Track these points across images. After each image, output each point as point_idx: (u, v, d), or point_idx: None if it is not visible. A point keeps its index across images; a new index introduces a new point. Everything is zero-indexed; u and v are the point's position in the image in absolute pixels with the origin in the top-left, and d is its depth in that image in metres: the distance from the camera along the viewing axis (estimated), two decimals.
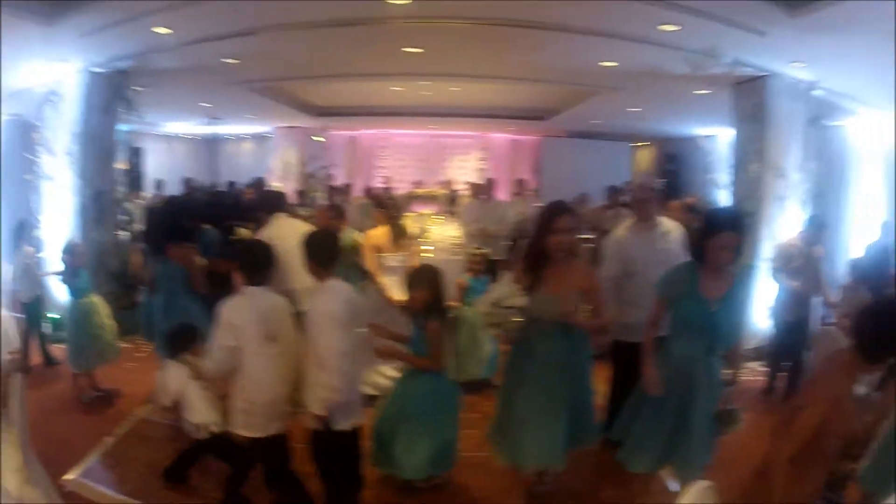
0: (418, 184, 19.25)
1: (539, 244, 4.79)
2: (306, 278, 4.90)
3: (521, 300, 4.56)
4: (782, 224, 9.65)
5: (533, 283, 4.78)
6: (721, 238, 4.45)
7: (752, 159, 9.96)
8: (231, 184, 16.69)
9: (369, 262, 7.66)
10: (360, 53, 9.64)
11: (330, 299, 4.66)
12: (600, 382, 6.42)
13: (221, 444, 5.23)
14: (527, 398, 4.87)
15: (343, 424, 4.75)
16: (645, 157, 21.23)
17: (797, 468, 3.72)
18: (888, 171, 11.20)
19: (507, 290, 4.62)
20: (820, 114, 10.14)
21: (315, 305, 4.70)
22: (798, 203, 9.79)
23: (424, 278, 5.33)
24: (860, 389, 5.72)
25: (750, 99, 9.92)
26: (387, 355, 5.44)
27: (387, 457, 5.30)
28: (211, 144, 21.07)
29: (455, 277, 8.99)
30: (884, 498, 3.84)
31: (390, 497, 5.47)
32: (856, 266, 8.04)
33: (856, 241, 11.29)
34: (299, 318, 4.87)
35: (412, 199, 17.88)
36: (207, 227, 8.40)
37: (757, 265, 9.12)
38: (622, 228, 6.43)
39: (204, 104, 14.20)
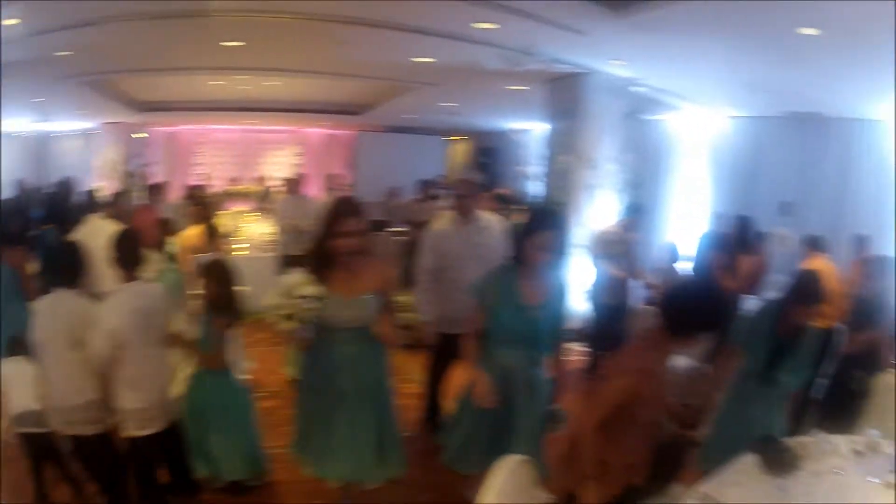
0: (234, 180, 18.80)
1: (324, 246, 4.44)
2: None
3: (314, 289, 4.28)
4: (593, 212, 10.07)
5: (321, 285, 4.40)
6: (540, 238, 4.34)
7: (563, 151, 10.30)
8: (61, 183, 16.00)
9: (184, 262, 7.54)
10: (182, 47, 9.46)
11: (121, 304, 4.65)
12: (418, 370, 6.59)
13: (48, 445, 5.05)
14: (327, 408, 4.55)
15: (142, 430, 4.76)
16: (460, 150, 21.45)
17: (609, 436, 3.78)
18: (713, 163, 11.90)
19: (297, 278, 4.45)
20: (639, 108, 10.60)
21: (108, 308, 4.66)
22: (613, 192, 10.23)
23: (213, 274, 5.32)
24: (686, 362, 6.10)
25: (565, 94, 10.23)
26: (176, 345, 5.28)
27: (200, 459, 5.27)
28: (44, 142, 19.95)
29: (269, 274, 8.93)
30: (723, 464, 4.02)
31: (224, 499, 5.43)
32: (674, 251, 8.48)
33: (676, 228, 12.06)
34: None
35: (228, 196, 17.53)
36: (49, 227, 8.08)
37: (569, 252, 9.46)
38: (442, 221, 6.47)
39: (36, 100, 13.52)
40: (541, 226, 4.41)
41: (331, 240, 4.37)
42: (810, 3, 5.74)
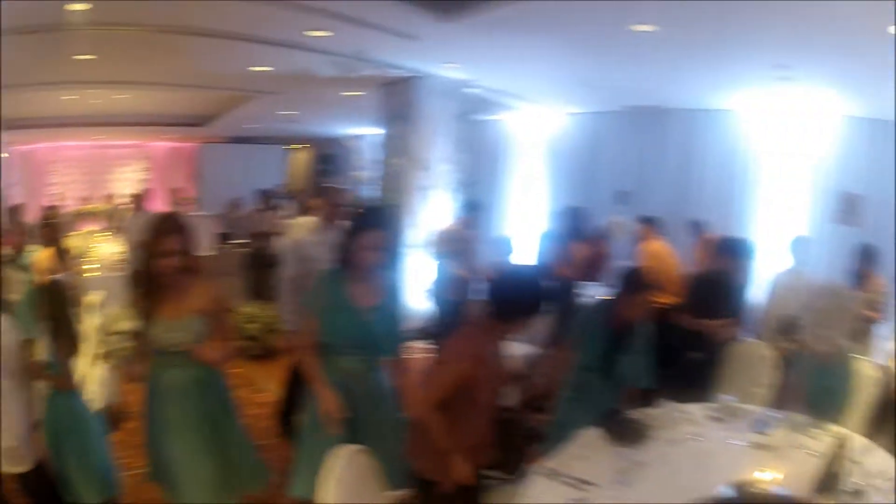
0: (85, 199, 17.74)
1: (148, 266, 4.00)
2: None
3: (131, 324, 3.95)
4: (429, 213, 9.96)
5: (148, 309, 4.02)
6: (367, 238, 3.97)
7: (396, 154, 10.17)
8: None
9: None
10: (38, 62, 8.78)
11: None
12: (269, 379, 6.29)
13: None
14: (173, 438, 4.14)
15: (16, 467, 4.34)
16: (301, 158, 21.16)
17: (452, 416, 3.71)
18: (552, 159, 12.06)
19: (113, 314, 3.98)
20: (474, 109, 10.53)
21: None
22: (448, 192, 10.14)
23: (49, 297, 4.85)
24: (528, 348, 6.01)
25: (398, 98, 10.09)
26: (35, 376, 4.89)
27: (63, 483, 4.87)
28: None
29: (120, 295, 8.48)
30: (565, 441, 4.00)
31: None
32: (508, 245, 8.39)
33: (517, 223, 12.17)
34: None
35: (80, 215, 16.60)
36: None
37: (404, 252, 9.33)
38: (302, 230, 6.26)
39: None
40: (366, 226, 4.07)
41: (153, 260, 3.98)
42: (643, 1, 5.75)
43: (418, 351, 8.03)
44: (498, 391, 4.14)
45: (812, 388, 4.55)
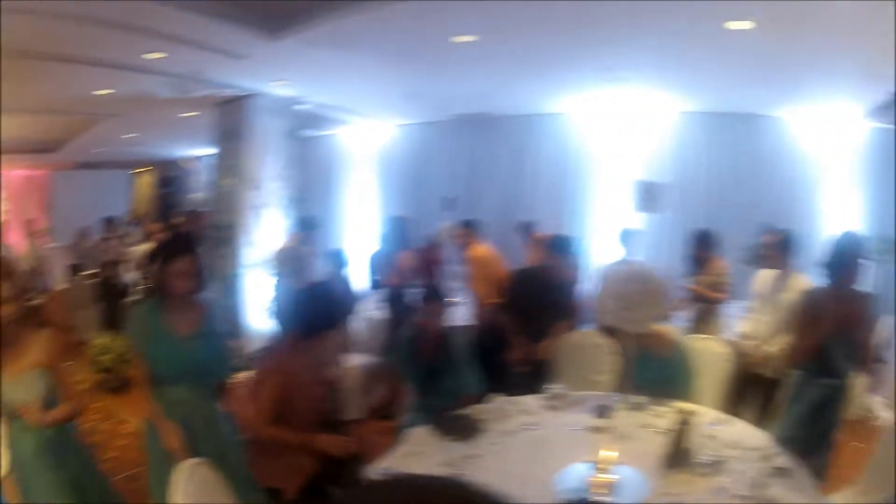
0: None
1: None
2: None
3: None
4: (263, 231, 9.59)
5: None
6: (176, 265, 3.65)
7: (228, 174, 9.78)
8: None
9: None
10: None
11: None
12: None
13: None
14: (36, 497, 3.57)
15: None
16: (145, 182, 20.27)
17: (285, 424, 3.80)
18: (383, 171, 12.04)
19: None
20: (304, 125, 10.25)
21: None
22: (280, 209, 9.84)
23: None
24: (365, 359, 5.88)
25: (230, 118, 9.73)
26: None
27: None
28: None
29: None
30: None
31: None
32: (339, 258, 8.12)
33: (352, 236, 12.07)
34: None
35: None
36: None
37: (240, 273, 9.15)
38: None
39: None
40: (173, 253, 3.72)
41: None
42: (465, 6, 5.58)
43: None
44: (319, 402, 4.12)
45: (647, 369, 4.52)
